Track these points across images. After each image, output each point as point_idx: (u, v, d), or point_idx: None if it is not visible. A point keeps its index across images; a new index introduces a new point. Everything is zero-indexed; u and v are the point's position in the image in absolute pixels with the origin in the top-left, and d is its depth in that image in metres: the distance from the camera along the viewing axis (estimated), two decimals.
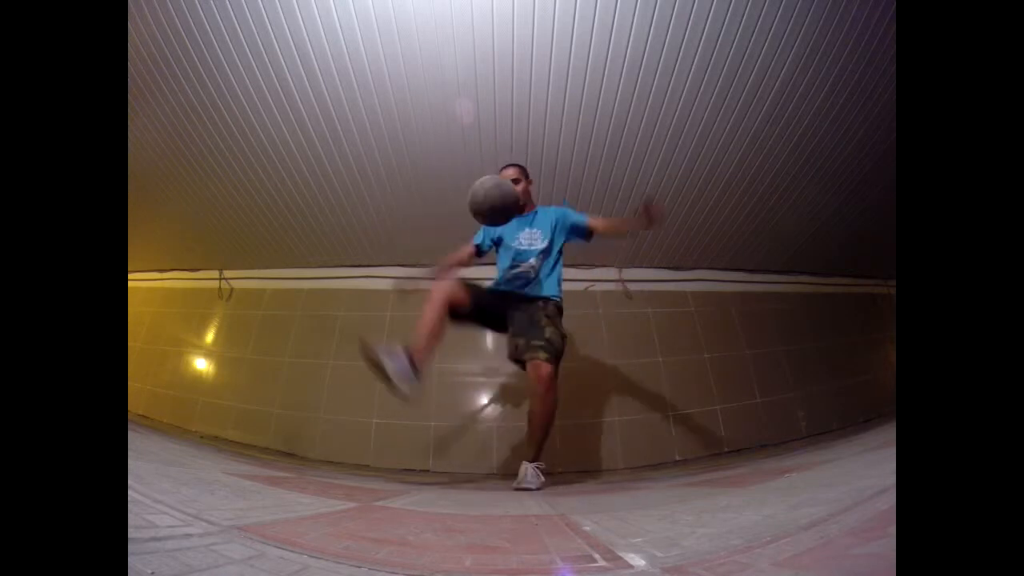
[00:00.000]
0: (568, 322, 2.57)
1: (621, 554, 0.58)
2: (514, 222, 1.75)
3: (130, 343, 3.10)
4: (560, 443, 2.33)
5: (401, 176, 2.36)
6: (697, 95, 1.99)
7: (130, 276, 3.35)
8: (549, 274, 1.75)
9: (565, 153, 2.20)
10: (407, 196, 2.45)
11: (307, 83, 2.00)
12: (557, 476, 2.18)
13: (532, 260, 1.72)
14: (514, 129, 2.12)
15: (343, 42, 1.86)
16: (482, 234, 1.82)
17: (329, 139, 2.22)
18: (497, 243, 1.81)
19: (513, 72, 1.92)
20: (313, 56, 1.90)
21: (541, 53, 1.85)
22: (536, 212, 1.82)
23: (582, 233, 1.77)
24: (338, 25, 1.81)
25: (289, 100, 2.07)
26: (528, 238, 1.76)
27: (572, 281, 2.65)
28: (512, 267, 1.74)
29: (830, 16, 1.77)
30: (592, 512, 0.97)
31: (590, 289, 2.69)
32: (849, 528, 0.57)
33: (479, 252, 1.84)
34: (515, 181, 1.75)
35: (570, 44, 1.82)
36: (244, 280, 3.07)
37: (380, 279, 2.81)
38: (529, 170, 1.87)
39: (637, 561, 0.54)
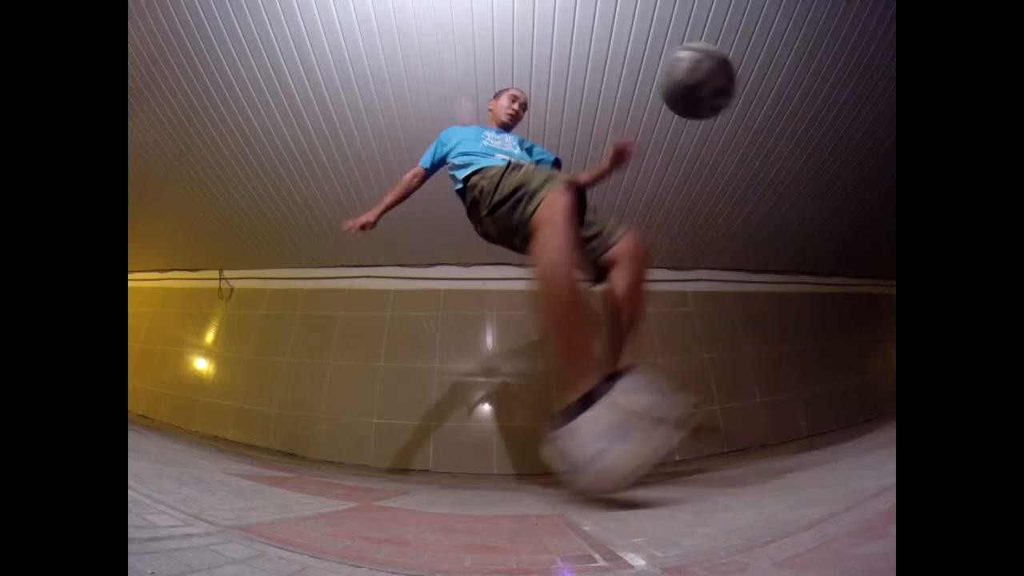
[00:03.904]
0: None
1: (621, 554, 0.58)
2: (475, 128, 1.58)
3: (130, 343, 3.11)
4: None
5: (401, 176, 2.36)
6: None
7: (130, 276, 3.35)
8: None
9: (565, 152, 2.20)
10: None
11: (307, 83, 2.00)
12: (557, 476, 2.18)
13: (512, 155, 1.45)
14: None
15: (343, 42, 1.86)
16: (434, 151, 1.60)
17: (329, 139, 2.22)
18: (442, 160, 1.56)
19: (513, 72, 1.92)
20: (313, 56, 1.90)
21: (541, 52, 1.85)
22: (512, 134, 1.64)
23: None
24: (338, 25, 1.81)
25: (289, 100, 2.07)
26: (497, 140, 1.52)
27: None
28: (491, 154, 1.42)
29: (830, 16, 1.77)
30: (592, 512, 0.97)
31: (590, 289, 2.69)
32: (849, 528, 0.57)
33: (424, 176, 1.60)
34: (523, 106, 1.64)
35: (570, 43, 1.82)
36: (244, 280, 3.07)
37: (380, 279, 2.81)
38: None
39: (637, 561, 0.54)
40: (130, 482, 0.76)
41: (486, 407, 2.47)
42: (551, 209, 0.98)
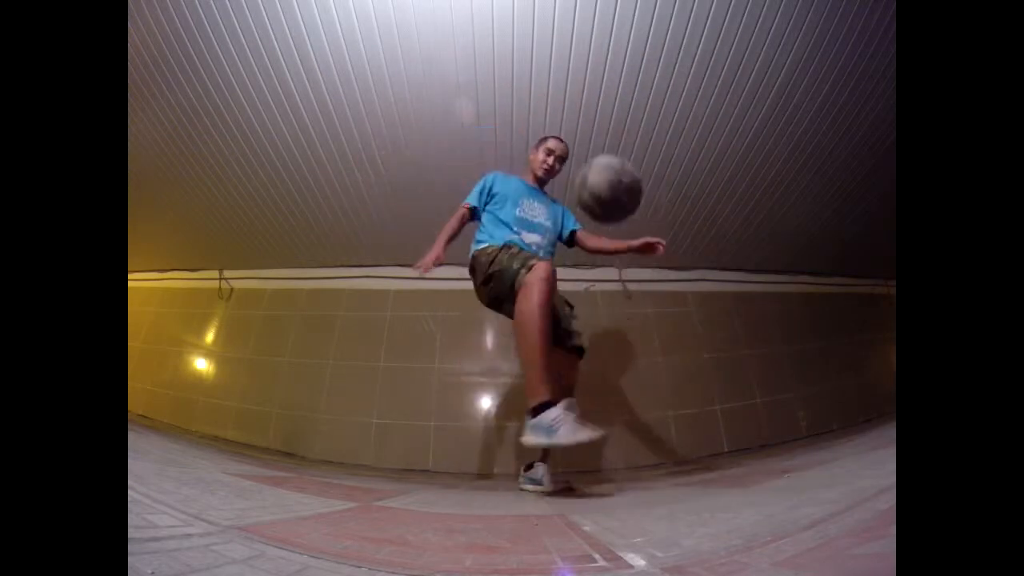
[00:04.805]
0: None
1: (621, 554, 0.58)
2: (516, 185, 1.68)
3: (130, 343, 3.10)
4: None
5: (402, 176, 2.36)
6: (697, 95, 1.99)
7: (130, 276, 3.35)
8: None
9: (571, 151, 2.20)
10: (407, 196, 2.45)
11: (307, 83, 2.00)
12: (556, 476, 2.18)
13: (537, 236, 1.61)
14: (514, 129, 2.12)
15: (343, 42, 1.86)
16: (478, 193, 1.67)
17: (329, 139, 2.22)
18: (487, 201, 1.66)
19: (513, 73, 1.92)
20: (313, 56, 1.90)
21: (541, 53, 1.85)
22: (545, 194, 1.76)
23: (568, 239, 1.76)
24: (338, 25, 1.81)
25: (289, 100, 2.07)
26: (531, 209, 1.64)
27: (572, 281, 2.65)
28: (515, 234, 1.58)
29: (830, 16, 1.77)
30: (592, 512, 0.97)
31: (590, 289, 2.69)
32: (849, 528, 0.57)
33: (474, 215, 1.66)
34: (561, 159, 1.70)
35: (570, 43, 1.82)
36: (244, 280, 3.07)
37: (380, 279, 2.81)
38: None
39: (637, 561, 0.54)
40: (130, 482, 0.76)
41: (486, 407, 2.47)
42: (535, 273, 1.31)
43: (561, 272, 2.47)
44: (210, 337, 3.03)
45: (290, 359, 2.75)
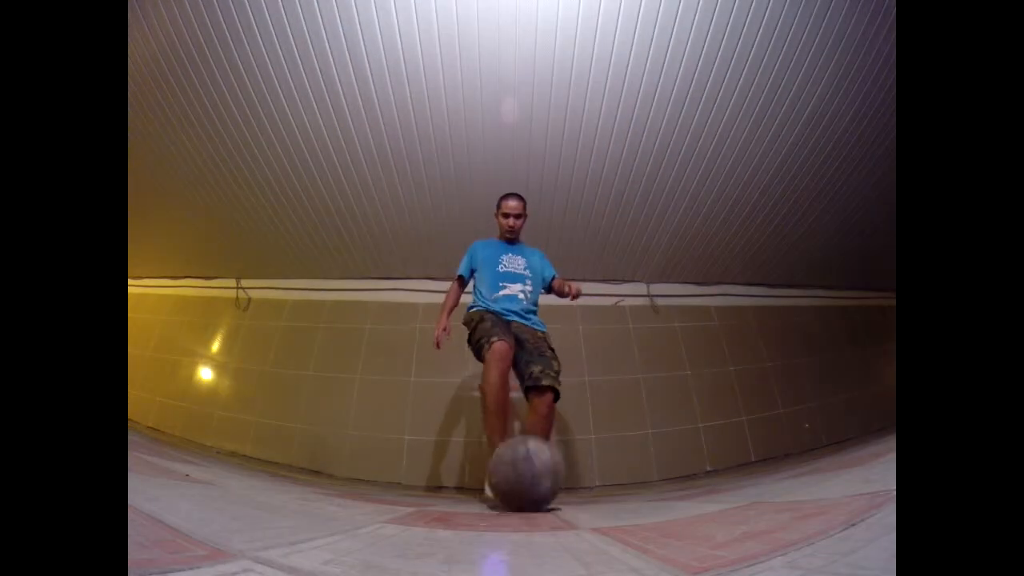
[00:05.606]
0: (599, 336, 2.61)
1: (623, 553, 0.59)
2: (495, 247, 1.82)
3: (140, 352, 2.96)
4: (595, 457, 2.34)
5: (444, 184, 2.34)
6: (731, 131, 2.11)
7: (141, 283, 3.21)
8: (536, 304, 1.80)
9: (609, 172, 2.27)
10: (446, 206, 2.44)
11: (340, 89, 1.97)
12: (587, 491, 2.17)
13: (520, 284, 1.75)
14: (565, 147, 2.16)
15: (365, 55, 1.85)
16: (465, 263, 1.84)
17: (373, 146, 2.19)
18: (474, 268, 1.83)
19: (568, 101, 1.96)
20: (350, 63, 1.89)
21: (596, 82, 1.91)
22: (521, 246, 1.87)
23: (547, 285, 1.87)
24: (378, 32, 1.80)
25: (320, 105, 2.04)
26: (511, 262, 1.79)
27: (602, 296, 2.69)
28: (500, 288, 1.73)
29: (859, 46, 1.88)
30: (617, 520, 0.97)
31: (620, 304, 2.73)
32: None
33: (463, 283, 1.85)
34: (518, 216, 1.81)
35: (622, 83, 1.90)
36: (263, 290, 2.98)
37: (409, 292, 2.78)
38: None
39: (645, 562, 0.55)
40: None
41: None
42: (491, 353, 1.56)
43: (592, 287, 2.53)
44: (226, 348, 2.92)
45: (314, 372, 2.67)
